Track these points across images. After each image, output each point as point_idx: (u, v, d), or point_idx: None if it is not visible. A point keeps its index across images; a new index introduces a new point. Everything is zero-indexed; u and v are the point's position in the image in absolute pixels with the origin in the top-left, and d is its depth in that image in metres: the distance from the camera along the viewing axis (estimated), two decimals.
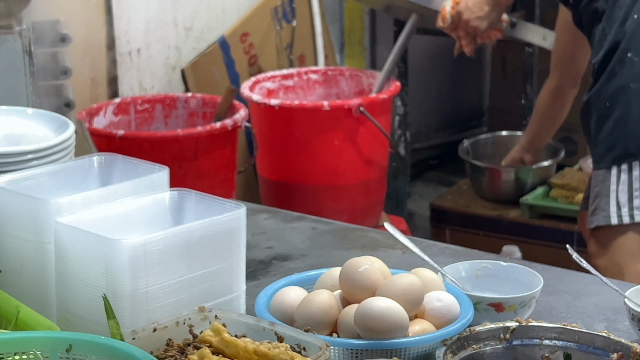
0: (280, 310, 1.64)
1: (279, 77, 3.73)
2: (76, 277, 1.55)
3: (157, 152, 3.12)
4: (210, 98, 3.55)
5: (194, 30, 3.86)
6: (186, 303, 1.57)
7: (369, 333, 1.55)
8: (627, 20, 2.54)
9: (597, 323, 1.81)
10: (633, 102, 2.53)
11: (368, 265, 1.64)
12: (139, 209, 1.66)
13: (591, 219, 2.61)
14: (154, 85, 3.74)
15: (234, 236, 1.63)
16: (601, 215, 2.57)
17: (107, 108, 3.42)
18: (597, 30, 2.60)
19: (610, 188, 2.54)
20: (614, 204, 2.54)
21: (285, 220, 2.29)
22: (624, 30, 2.55)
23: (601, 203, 2.57)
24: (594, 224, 2.60)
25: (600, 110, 2.59)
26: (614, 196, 2.53)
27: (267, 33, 4.08)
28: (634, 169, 2.52)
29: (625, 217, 2.54)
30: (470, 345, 1.61)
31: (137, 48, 3.66)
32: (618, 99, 2.55)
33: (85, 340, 1.38)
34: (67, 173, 1.75)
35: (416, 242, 1.93)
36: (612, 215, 2.55)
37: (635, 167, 2.52)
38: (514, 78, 4.71)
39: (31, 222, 1.61)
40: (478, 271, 1.85)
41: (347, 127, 3.42)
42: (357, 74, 3.79)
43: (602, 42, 2.58)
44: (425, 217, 4.42)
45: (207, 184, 3.19)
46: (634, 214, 2.52)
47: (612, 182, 2.54)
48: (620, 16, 2.55)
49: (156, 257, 1.53)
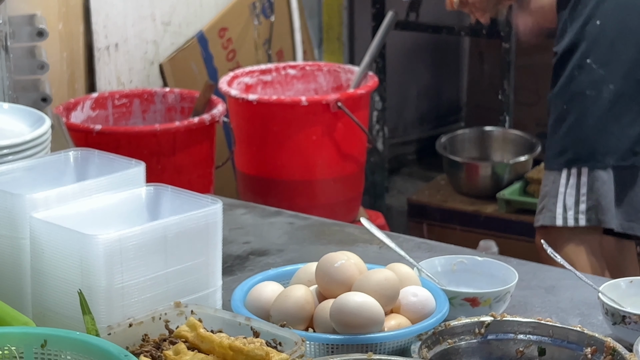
0: (256, 305, 1.64)
1: (257, 72, 3.72)
2: (51, 273, 1.55)
3: (135, 147, 3.12)
4: (188, 93, 3.54)
5: (172, 25, 3.85)
6: (162, 298, 1.57)
7: (345, 328, 1.56)
8: (588, 23, 2.57)
9: (572, 317, 1.82)
10: (588, 109, 2.59)
11: (344, 261, 1.64)
12: (114, 204, 1.66)
13: (538, 217, 2.68)
14: (132, 80, 3.73)
15: (210, 231, 1.63)
16: (547, 215, 2.63)
17: (85, 103, 3.41)
18: (561, 17, 2.63)
19: (559, 190, 2.60)
20: (560, 206, 2.59)
21: (263, 215, 2.30)
22: (584, 33, 2.57)
23: (549, 203, 2.63)
24: (539, 223, 2.67)
25: (558, 112, 2.64)
26: (561, 198, 2.58)
27: (245, 28, 4.08)
28: (582, 174, 2.58)
29: (570, 220, 2.59)
30: (446, 340, 1.62)
31: (115, 43, 3.65)
32: (574, 104, 2.61)
33: (60, 336, 1.37)
34: (43, 168, 1.75)
35: (393, 237, 1.94)
36: (558, 217, 2.61)
37: (584, 172, 2.58)
38: (492, 74, 4.73)
39: (6, 218, 1.61)
40: (454, 266, 1.86)
41: (324, 122, 3.42)
42: (335, 69, 3.79)
43: (563, 34, 2.62)
44: (403, 212, 4.43)
45: (185, 179, 3.18)
46: (579, 217, 2.58)
47: (561, 185, 2.60)
48: (582, 15, 2.57)
49: (132, 252, 1.53)
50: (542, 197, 2.68)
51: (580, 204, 2.57)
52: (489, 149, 4.34)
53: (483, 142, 4.31)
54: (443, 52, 5.16)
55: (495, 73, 4.55)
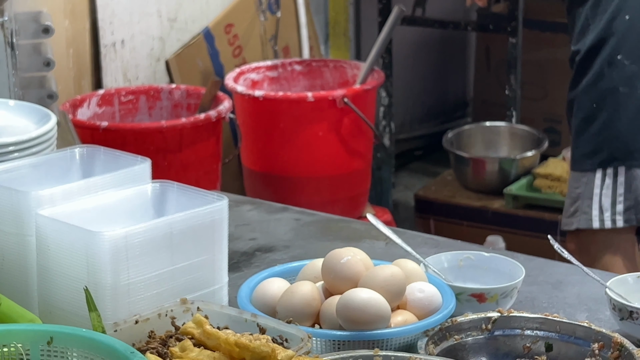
0: (262, 302, 1.64)
1: (264, 68, 3.72)
2: (58, 270, 1.55)
3: (141, 144, 3.12)
4: (194, 89, 3.54)
5: (178, 21, 3.85)
6: (168, 295, 1.57)
7: (351, 324, 1.55)
8: (616, 19, 2.50)
9: (579, 313, 1.81)
10: (622, 106, 2.51)
11: (350, 257, 1.64)
12: (120, 201, 1.66)
13: (570, 221, 2.60)
14: (138, 76, 3.73)
15: (216, 228, 1.63)
16: (583, 218, 2.56)
17: (91, 99, 3.42)
18: (579, 14, 2.57)
19: (593, 191, 2.53)
20: (596, 208, 2.53)
21: (269, 211, 2.29)
22: (612, 29, 2.51)
23: (583, 205, 2.56)
24: (574, 226, 2.59)
25: (586, 111, 2.57)
26: (597, 199, 2.52)
27: (251, 24, 4.08)
28: (619, 174, 2.51)
29: (608, 222, 2.53)
30: (452, 336, 1.61)
31: (121, 39, 3.65)
32: (606, 102, 2.53)
33: (66, 333, 1.37)
34: (49, 165, 1.75)
35: (399, 233, 1.93)
36: (595, 219, 2.54)
37: (621, 172, 2.51)
38: (498, 69, 4.72)
39: (12, 215, 1.61)
40: (460, 262, 1.86)
41: (331, 118, 3.42)
42: (341, 65, 3.79)
43: (584, 32, 2.56)
44: (409, 208, 4.42)
45: (191, 176, 3.19)
46: (616, 218, 2.52)
47: (596, 186, 2.53)
48: (607, 11, 2.51)
49: (138, 249, 1.53)
50: (572, 200, 2.59)
51: (617, 204, 2.51)
52: (496, 145, 4.33)
53: (490, 138, 4.30)
54: (449, 48, 5.16)
55: (502, 68, 4.54)
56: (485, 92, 4.92)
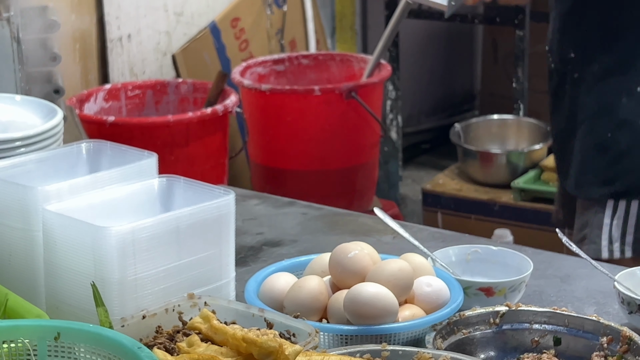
0: (270, 296, 1.64)
1: (270, 62, 3.72)
2: (64, 265, 1.55)
3: (148, 138, 3.12)
4: (201, 84, 3.54)
5: (184, 15, 3.85)
6: (175, 290, 1.57)
7: (359, 319, 1.55)
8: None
9: (587, 307, 1.81)
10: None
11: (357, 251, 1.64)
12: (127, 196, 1.66)
13: (579, 246, 2.54)
14: (145, 70, 3.73)
15: (223, 223, 1.62)
16: (591, 247, 2.51)
17: (98, 94, 3.42)
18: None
19: (603, 221, 2.48)
20: (605, 238, 2.48)
21: (276, 205, 2.29)
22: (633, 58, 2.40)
23: (592, 235, 2.51)
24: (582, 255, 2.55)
25: (599, 138, 2.49)
26: (606, 230, 2.47)
27: (258, 18, 4.07)
28: (632, 207, 2.45)
29: (617, 252, 2.49)
30: (460, 330, 1.61)
31: (127, 34, 3.65)
32: (623, 133, 2.46)
33: (73, 328, 1.37)
34: (55, 160, 1.74)
35: (406, 227, 1.93)
36: (604, 249, 2.50)
37: (634, 205, 2.45)
38: (505, 62, 4.71)
39: (19, 210, 1.61)
40: (468, 256, 1.85)
41: (338, 112, 3.41)
42: (348, 58, 3.78)
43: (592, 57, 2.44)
44: (417, 201, 4.42)
45: (198, 170, 3.18)
46: (625, 249, 2.48)
47: (606, 216, 2.48)
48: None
49: (144, 244, 1.52)
50: (581, 225, 2.54)
51: (627, 235, 2.46)
52: (504, 138, 4.32)
53: (497, 131, 4.29)
54: (456, 40, 5.14)
55: (509, 61, 4.53)
56: (492, 85, 4.91)
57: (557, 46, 2.56)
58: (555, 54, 2.57)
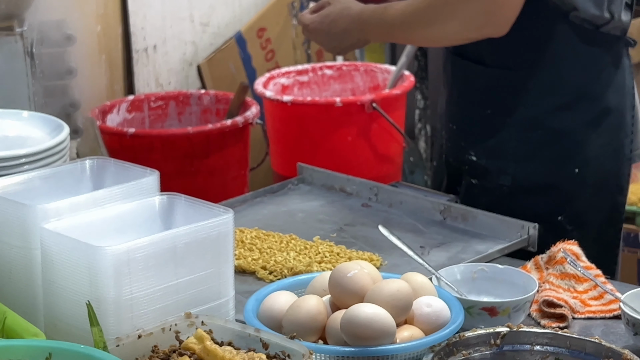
0: (269, 315, 1.63)
1: (294, 72, 3.71)
2: (62, 284, 1.55)
3: (168, 150, 3.12)
4: (223, 95, 3.54)
5: (210, 25, 3.86)
6: (173, 309, 1.57)
7: (355, 340, 1.54)
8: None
9: (594, 328, 1.78)
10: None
11: (357, 270, 1.62)
12: (127, 214, 1.66)
13: None
14: (171, 81, 3.74)
15: (222, 241, 1.61)
16: None
17: (121, 105, 3.43)
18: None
19: None
20: None
21: None
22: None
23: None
24: None
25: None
26: None
27: (284, 28, 4.07)
28: None
29: None
30: (460, 351, 1.59)
31: (153, 44, 3.66)
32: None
33: (64, 349, 1.37)
34: (59, 178, 1.75)
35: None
36: None
37: None
38: None
39: (18, 228, 1.61)
40: (474, 274, 1.83)
41: (360, 123, 3.39)
42: (372, 69, 3.76)
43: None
44: None
45: (219, 181, 3.18)
46: None
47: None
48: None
49: (140, 263, 1.52)
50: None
51: None
52: None
53: None
54: None
55: None
56: None
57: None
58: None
